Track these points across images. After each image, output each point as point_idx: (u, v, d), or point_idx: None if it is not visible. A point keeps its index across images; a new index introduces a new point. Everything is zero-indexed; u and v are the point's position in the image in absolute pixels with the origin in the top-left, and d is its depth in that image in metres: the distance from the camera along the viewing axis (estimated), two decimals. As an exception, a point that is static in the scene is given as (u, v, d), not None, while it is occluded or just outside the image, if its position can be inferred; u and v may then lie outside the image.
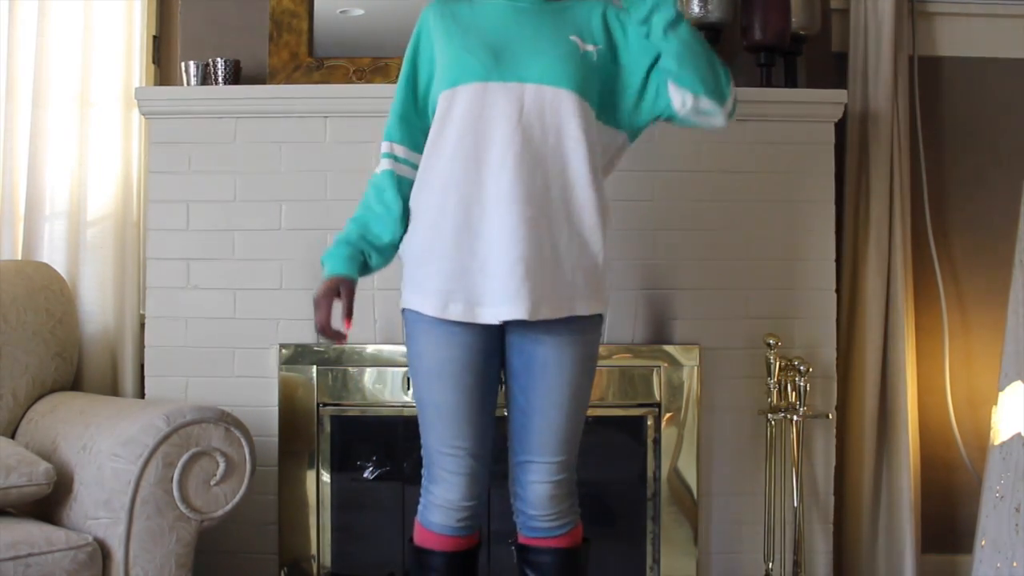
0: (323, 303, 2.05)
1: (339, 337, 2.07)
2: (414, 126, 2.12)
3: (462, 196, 2.00)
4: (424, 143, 2.10)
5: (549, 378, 2.05)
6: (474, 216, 1.99)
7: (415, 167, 2.12)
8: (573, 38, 2.06)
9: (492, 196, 1.98)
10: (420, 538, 2.14)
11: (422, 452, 2.14)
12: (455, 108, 2.02)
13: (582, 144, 2.01)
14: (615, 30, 2.11)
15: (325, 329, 2.06)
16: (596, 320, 2.11)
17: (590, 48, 2.07)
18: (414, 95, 2.13)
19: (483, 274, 1.99)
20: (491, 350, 2.07)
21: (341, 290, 2.06)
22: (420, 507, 2.15)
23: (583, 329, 2.07)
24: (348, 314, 2.06)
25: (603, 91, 2.09)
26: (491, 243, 1.98)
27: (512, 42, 2.05)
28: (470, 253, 1.99)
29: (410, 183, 2.11)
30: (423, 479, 2.14)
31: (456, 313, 2.00)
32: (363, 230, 2.11)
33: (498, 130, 1.99)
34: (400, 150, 2.12)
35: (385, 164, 2.13)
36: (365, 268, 2.12)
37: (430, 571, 2.11)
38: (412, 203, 2.10)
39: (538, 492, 2.08)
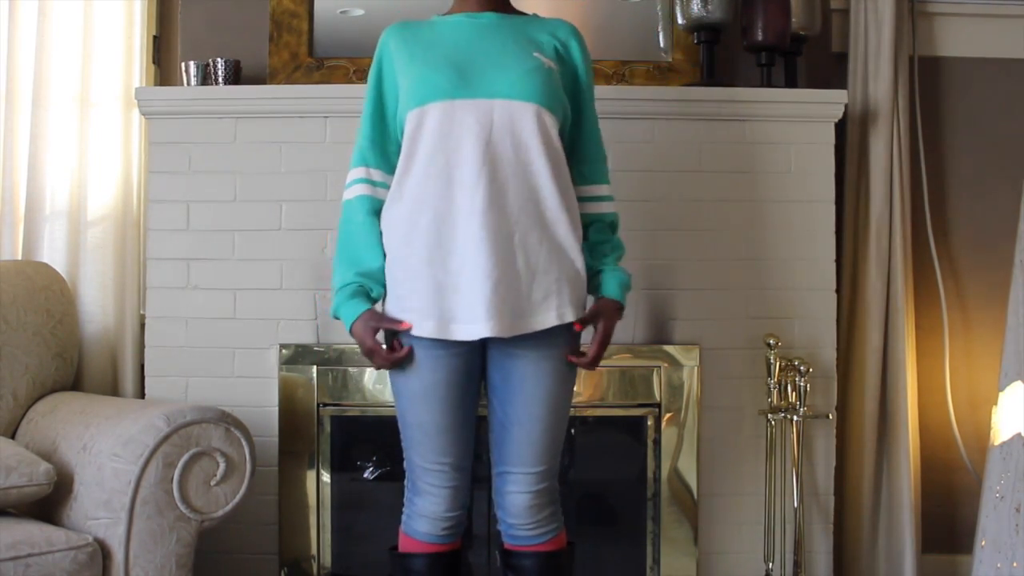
0: (375, 345, 2.06)
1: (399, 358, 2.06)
2: (388, 149, 2.12)
3: (436, 214, 2.00)
4: (393, 163, 2.11)
5: (527, 391, 2.06)
6: (446, 234, 1.99)
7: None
8: (537, 54, 2.07)
9: (464, 213, 1.98)
10: (404, 546, 2.16)
11: (404, 465, 2.15)
12: (424, 127, 2.02)
13: (551, 157, 2.03)
14: (564, 57, 2.14)
15: (390, 361, 2.06)
16: (573, 334, 2.11)
17: (552, 65, 2.08)
18: (382, 119, 2.12)
19: (456, 291, 1.99)
20: (473, 367, 2.09)
21: (372, 322, 2.06)
22: (404, 517, 2.16)
23: (563, 340, 2.09)
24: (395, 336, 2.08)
25: (565, 106, 2.11)
26: (464, 261, 1.98)
27: (477, 57, 2.05)
28: (443, 270, 2.00)
29: None
30: (406, 491, 2.16)
31: (428, 330, 2.01)
32: (356, 266, 2.10)
33: (468, 147, 1.99)
34: (377, 174, 2.12)
35: (360, 189, 2.12)
36: (371, 300, 2.11)
37: (413, 573, 2.13)
38: (383, 223, 2.09)
39: (518, 502, 2.10)
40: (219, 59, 2.89)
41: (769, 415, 2.81)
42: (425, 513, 2.11)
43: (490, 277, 1.96)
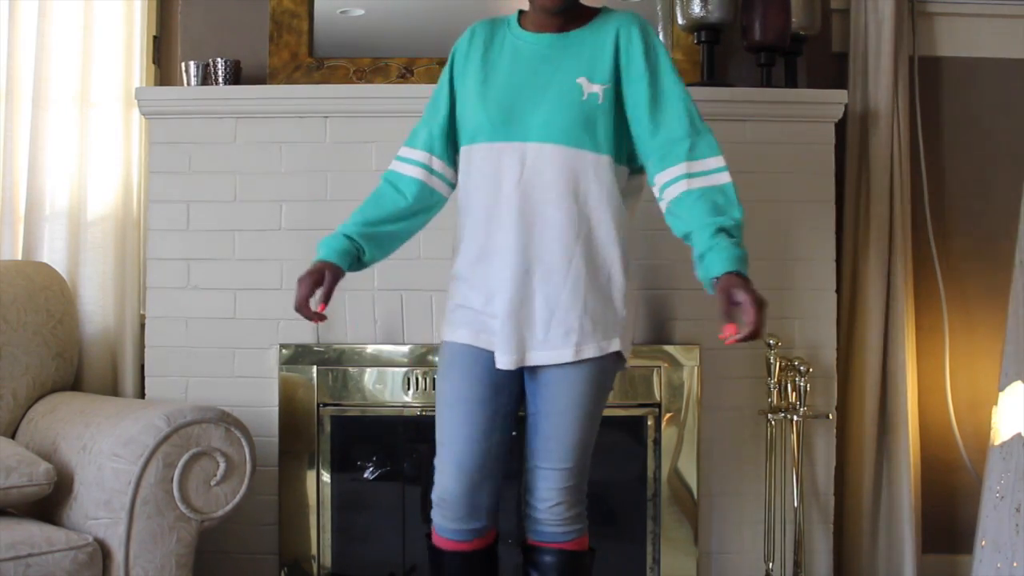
0: (305, 283, 2.09)
1: (315, 317, 2.10)
2: (450, 142, 2.19)
3: (478, 249, 2.10)
4: (456, 159, 2.19)
5: (555, 384, 2.08)
6: (485, 270, 2.09)
7: (450, 184, 2.21)
8: (580, 80, 2.06)
9: (499, 252, 2.06)
10: (433, 536, 2.19)
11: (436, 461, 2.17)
12: (472, 166, 2.11)
13: (577, 197, 2.04)
14: (621, 59, 2.09)
15: (301, 307, 2.09)
16: (608, 356, 2.10)
17: (596, 89, 2.06)
18: (452, 113, 2.18)
19: (488, 322, 2.09)
20: (500, 375, 2.10)
21: (326, 275, 2.10)
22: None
23: (598, 362, 2.09)
24: (325, 299, 2.12)
25: (618, 129, 2.09)
26: (492, 296, 2.07)
27: (522, 93, 2.07)
28: (480, 302, 2.09)
29: (440, 196, 2.22)
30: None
31: (479, 342, 2.11)
32: (364, 216, 2.17)
33: (504, 189, 2.06)
34: (439, 164, 2.18)
35: (415, 172, 2.18)
36: (358, 263, 2.17)
37: (442, 569, 2.15)
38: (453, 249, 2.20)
39: (545, 498, 2.10)
40: (219, 59, 2.89)
41: (769, 415, 2.81)
42: (434, 498, 2.12)
43: (510, 316, 2.04)
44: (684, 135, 2.06)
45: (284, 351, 2.82)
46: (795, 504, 2.78)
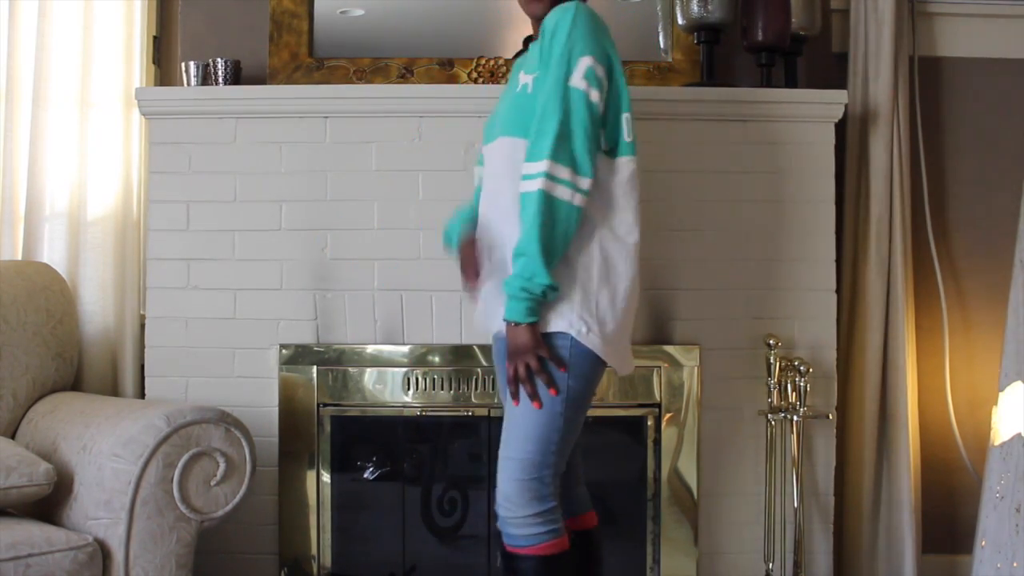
0: (463, 269, 2.29)
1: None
2: None
3: None
4: None
5: (503, 378, 2.14)
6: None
7: None
8: (521, 72, 2.12)
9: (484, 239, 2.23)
10: None
11: None
12: None
13: (511, 183, 2.05)
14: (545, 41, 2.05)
15: (467, 286, 2.29)
16: (550, 338, 2.01)
17: (527, 79, 2.07)
18: None
19: None
20: None
21: (469, 250, 2.26)
22: None
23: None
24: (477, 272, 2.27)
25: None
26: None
27: (502, 99, 2.23)
28: None
29: None
30: None
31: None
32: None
33: (484, 185, 2.23)
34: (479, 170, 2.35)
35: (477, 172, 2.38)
36: None
37: None
38: None
39: (498, 489, 2.01)
40: (219, 59, 2.89)
41: (769, 415, 2.81)
42: None
43: (482, 291, 2.19)
44: (538, 132, 1.99)
45: (284, 351, 2.82)
46: (795, 504, 2.78)
